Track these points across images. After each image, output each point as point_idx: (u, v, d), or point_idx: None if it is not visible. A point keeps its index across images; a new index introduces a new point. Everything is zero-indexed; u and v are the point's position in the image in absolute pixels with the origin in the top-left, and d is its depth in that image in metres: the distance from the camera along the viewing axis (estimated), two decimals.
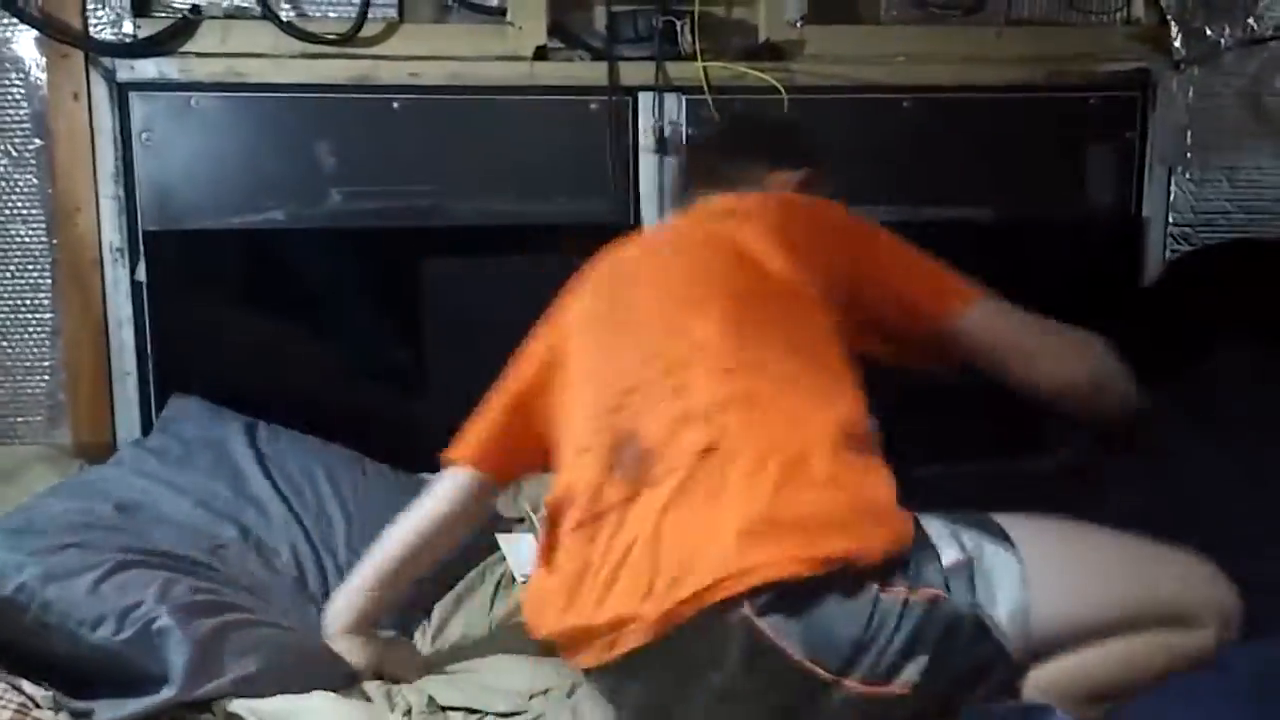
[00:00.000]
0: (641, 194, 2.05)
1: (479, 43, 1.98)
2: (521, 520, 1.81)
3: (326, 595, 1.50)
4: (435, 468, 1.94)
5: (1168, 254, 2.16)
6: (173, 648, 1.17)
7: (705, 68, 1.97)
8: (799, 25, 2.04)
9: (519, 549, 1.65)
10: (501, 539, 1.70)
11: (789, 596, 0.99)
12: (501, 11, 1.98)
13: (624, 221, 2.04)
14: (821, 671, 1.00)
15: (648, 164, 2.05)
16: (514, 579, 1.62)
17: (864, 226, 1.33)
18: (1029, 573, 1.04)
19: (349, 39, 1.93)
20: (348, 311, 2.06)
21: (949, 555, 1.04)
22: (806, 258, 1.23)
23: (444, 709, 1.27)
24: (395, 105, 1.97)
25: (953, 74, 2.09)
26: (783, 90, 1.97)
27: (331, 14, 1.95)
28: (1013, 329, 1.26)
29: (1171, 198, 2.18)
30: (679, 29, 1.99)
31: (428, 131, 2.00)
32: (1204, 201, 2.16)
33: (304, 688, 1.24)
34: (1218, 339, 1.60)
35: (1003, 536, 1.07)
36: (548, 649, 1.26)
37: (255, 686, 1.21)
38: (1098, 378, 1.26)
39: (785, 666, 1.00)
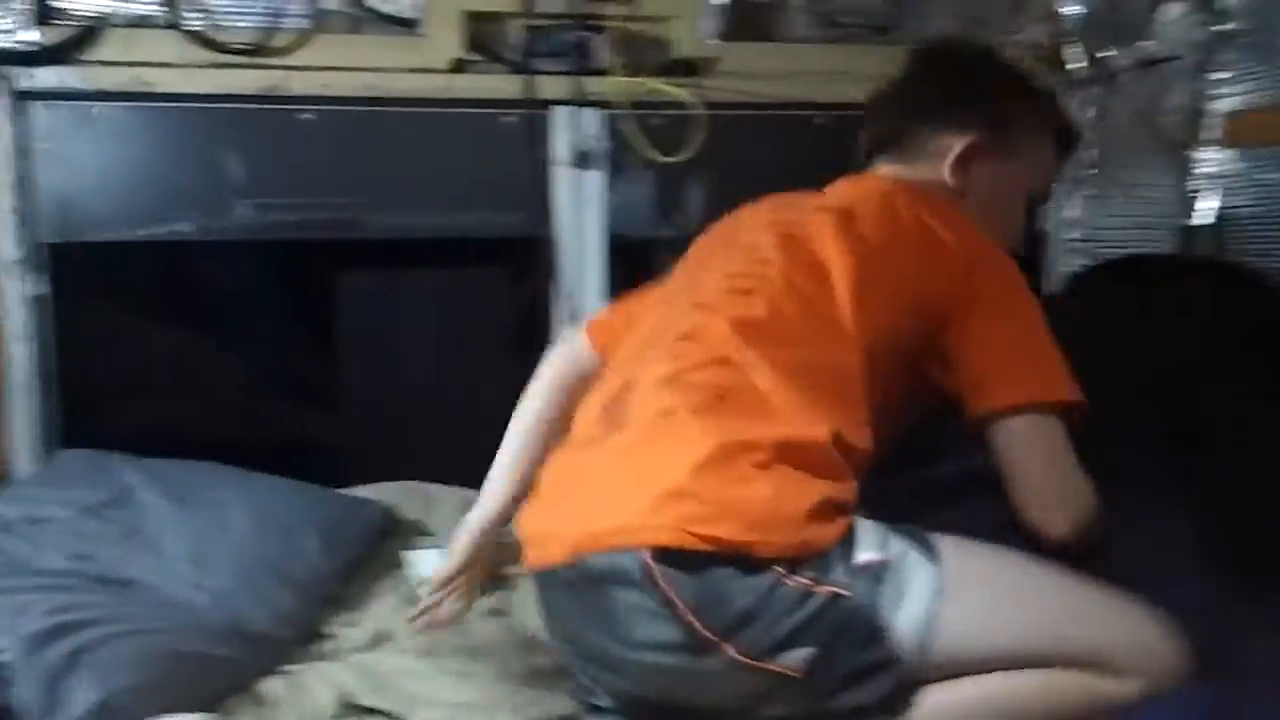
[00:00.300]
0: (557, 208, 2.05)
1: (393, 54, 1.97)
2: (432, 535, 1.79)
3: (232, 575, 1.47)
4: (348, 482, 1.93)
5: (1067, 269, 2.24)
6: (20, 682, 1.15)
7: (621, 83, 1.99)
8: (715, 42, 2.07)
9: (423, 562, 1.63)
10: (406, 554, 1.68)
11: (687, 559, 1.01)
12: (416, 24, 1.97)
13: (539, 236, 2.04)
14: (704, 630, 1.01)
15: (564, 178, 2.05)
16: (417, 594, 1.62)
17: (976, 278, 1.20)
18: (946, 585, 1.05)
19: (259, 49, 1.90)
20: (256, 326, 2.03)
21: (864, 555, 1.05)
22: (882, 288, 1.18)
23: (363, 711, 1.28)
24: (306, 116, 1.95)
25: (865, 91, 2.12)
26: (698, 106, 1.99)
27: (241, 24, 1.91)
28: (1032, 461, 1.17)
29: (1070, 214, 2.26)
30: (596, 44, 2.00)
31: (340, 143, 1.98)
32: (1102, 218, 2.24)
33: (180, 697, 1.21)
34: (1120, 353, 1.64)
35: (929, 548, 1.08)
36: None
37: (121, 710, 1.17)
38: (1075, 534, 1.18)
39: (674, 617, 1.02)
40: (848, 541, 1.06)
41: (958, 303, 1.19)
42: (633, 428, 1.12)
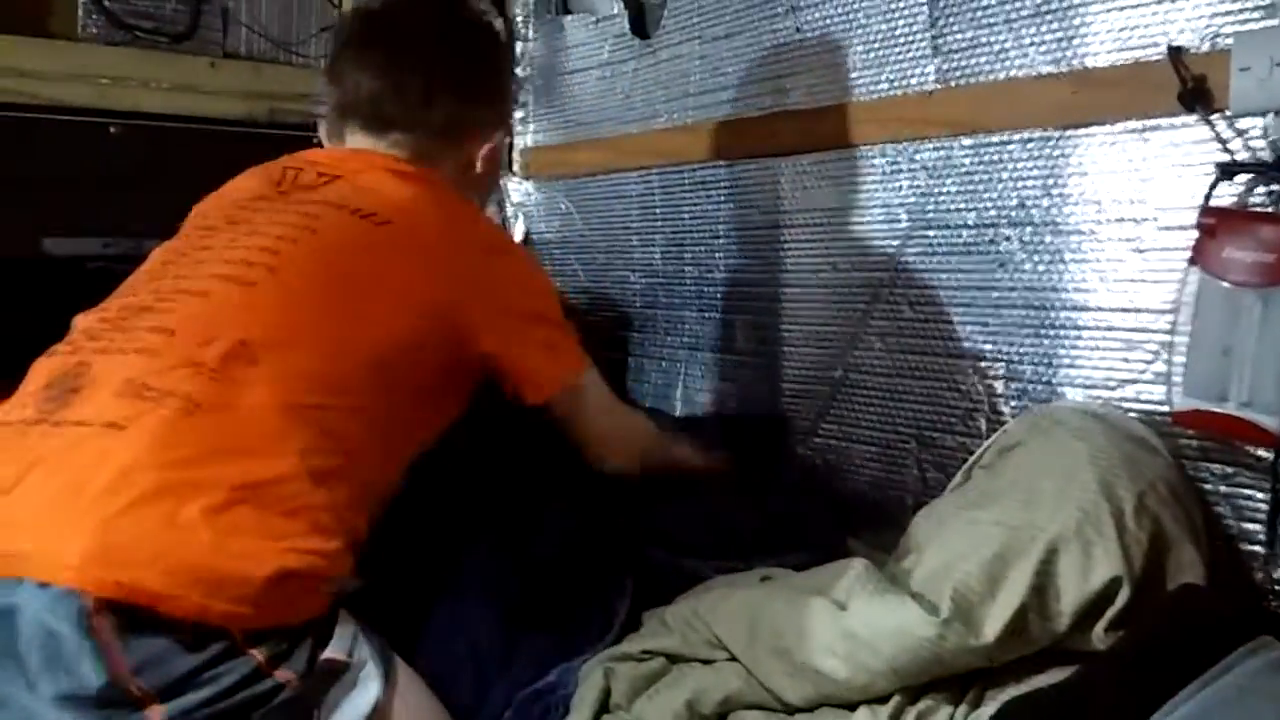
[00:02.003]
0: None
1: None
2: None
3: None
4: None
5: None
6: None
7: None
8: None
9: None
10: None
11: (125, 610, 0.87)
12: None
13: None
14: (135, 688, 0.87)
15: None
16: None
17: (494, 287, 1.17)
18: (384, 702, 0.97)
19: None
20: None
21: (331, 651, 0.95)
22: (389, 298, 1.09)
23: None
24: None
25: (164, 101, 1.96)
26: None
27: None
28: (583, 417, 1.25)
29: None
30: None
31: None
32: None
33: None
34: None
35: (386, 662, 0.99)
36: None
37: None
38: (645, 463, 1.30)
39: (104, 667, 0.87)
40: (321, 628, 0.95)
41: (478, 312, 1.15)
42: (73, 432, 0.94)
